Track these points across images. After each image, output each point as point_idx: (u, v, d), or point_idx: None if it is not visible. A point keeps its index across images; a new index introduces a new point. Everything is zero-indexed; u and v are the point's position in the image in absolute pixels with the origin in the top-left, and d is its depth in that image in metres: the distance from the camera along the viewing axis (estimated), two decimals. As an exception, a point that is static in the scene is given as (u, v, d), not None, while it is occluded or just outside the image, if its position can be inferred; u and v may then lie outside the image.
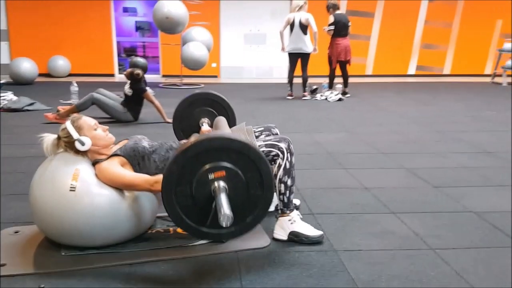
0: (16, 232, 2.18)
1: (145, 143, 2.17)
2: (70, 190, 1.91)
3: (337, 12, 7.17)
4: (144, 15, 13.78)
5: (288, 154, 2.09)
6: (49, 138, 2.09)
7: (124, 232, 2.03)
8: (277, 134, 2.45)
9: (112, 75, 10.60)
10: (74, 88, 5.69)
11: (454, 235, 2.23)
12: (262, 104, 6.68)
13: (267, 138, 2.19)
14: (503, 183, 3.03)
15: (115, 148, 2.18)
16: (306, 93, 7.21)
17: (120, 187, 1.99)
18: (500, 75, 9.66)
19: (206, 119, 2.95)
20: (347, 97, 7.28)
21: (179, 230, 2.24)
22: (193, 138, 2.33)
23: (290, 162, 2.10)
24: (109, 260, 1.94)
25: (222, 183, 1.71)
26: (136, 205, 2.04)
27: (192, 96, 3.00)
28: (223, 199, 1.64)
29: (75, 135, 2.04)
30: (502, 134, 4.62)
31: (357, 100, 7.11)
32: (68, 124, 2.07)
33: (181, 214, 1.73)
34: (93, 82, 8.76)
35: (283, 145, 2.09)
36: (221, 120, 2.45)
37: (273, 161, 2.09)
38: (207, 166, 1.70)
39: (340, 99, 6.98)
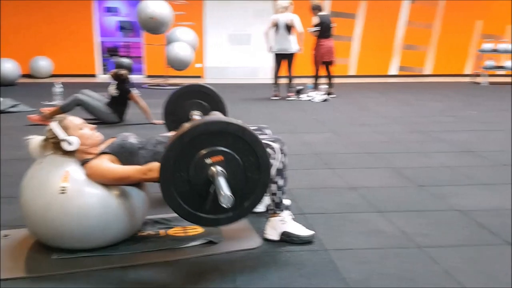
0: (5, 236, 2.16)
1: (133, 139, 2.16)
2: (61, 193, 1.90)
3: (321, 13, 7.24)
4: (127, 15, 13.67)
5: (281, 154, 2.12)
6: (35, 140, 2.07)
7: (116, 233, 2.03)
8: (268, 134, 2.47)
9: (95, 76, 10.49)
10: (58, 89, 5.62)
11: (441, 234, 2.29)
12: (248, 104, 6.70)
13: (261, 137, 2.21)
14: (486, 182, 3.11)
15: (102, 147, 2.17)
16: (291, 94, 7.27)
17: (112, 182, 1.98)
18: (479, 75, 9.87)
19: (197, 111, 2.95)
20: (332, 97, 7.35)
21: (170, 232, 2.25)
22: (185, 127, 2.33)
23: (283, 163, 2.13)
24: (101, 263, 1.93)
25: (219, 168, 1.70)
26: (128, 205, 2.03)
27: (184, 88, 3.01)
28: (222, 182, 1.64)
29: (62, 135, 2.02)
30: (483, 134, 4.73)
31: (342, 101, 7.19)
32: (54, 125, 2.05)
33: (178, 200, 1.71)
34: (76, 83, 8.67)
35: (276, 145, 2.12)
36: (217, 114, 2.46)
37: None
38: (204, 151, 1.70)
39: (325, 100, 7.05)
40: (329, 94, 7.37)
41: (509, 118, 5.67)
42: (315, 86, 7.45)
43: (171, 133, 2.54)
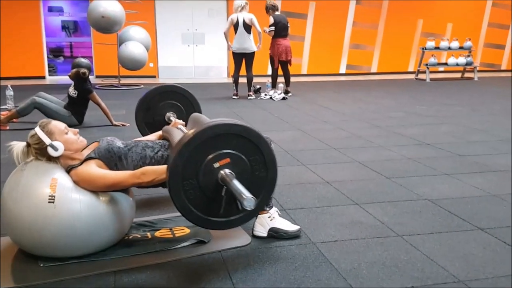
0: (-16, 247, 2.06)
1: (119, 142, 2.13)
2: (49, 202, 1.84)
3: (277, 13, 7.33)
4: (71, 14, 13.20)
5: None
6: (18, 146, 2.00)
7: (105, 239, 1.99)
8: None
9: (44, 78, 10.02)
10: (10, 92, 5.34)
11: (416, 222, 2.42)
12: (209, 104, 6.67)
13: None
14: (447, 172, 3.31)
15: (86, 152, 2.11)
16: (251, 93, 7.32)
17: (103, 189, 1.94)
18: (423, 72, 10.38)
19: (172, 112, 2.94)
20: (289, 96, 7.48)
21: (157, 234, 2.23)
22: (171, 131, 2.31)
23: None
24: (91, 269, 1.90)
25: (228, 170, 1.70)
26: (116, 211, 2.00)
27: (158, 88, 2.97)
28: (238, 185, 1.63)
29: (47, 140, 1.96)
30: (434, 127, 5.02)
31: (299, 99, 7.33)
32: (38, 130, 1.99)
33: (190, 206, 1.69)
34: (23, 86, 8.28)
35: None
36: (201, 116, 2.46)
37: None
38: (211, 155, 1.69)
39: (283, 98, 7.17)
40: (286, 92, 7.50)
41: (458, 112, 6.04)
42: (273, 85, 7.53)
43: (152, 137, 2.50)
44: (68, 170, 1.99)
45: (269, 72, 7.65)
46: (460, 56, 10.40)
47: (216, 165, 1.70)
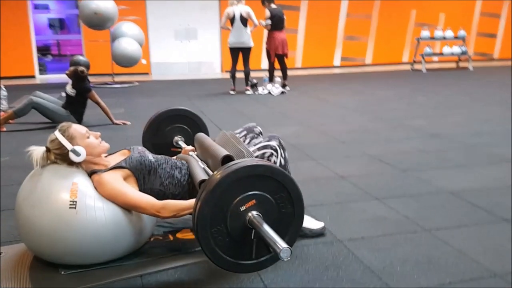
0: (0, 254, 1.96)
1: (150, 156, 2.06)
2: (70, 208, 1.75)
3: (273, 6, 7.23)
4: (57, 11, 12.97)
5: (281, 150, 2.15)
6: (38, 151, 1.90)
7: (129, 245, 1.90)
8: (260, 133, 2.45)
9: (33, 77, 9.81)
10: (3, 92, 5.19)
11: (441, 216, 2.37)
12: (207, 100, 6.58)
13: (257, 141, 2.21)
14: (462, 163, 3.28)
15: (114, 157, 2.05)
16: (248, 87, 7.23)
17: (121, 205, 1.86)
18: (418, 62, 10.37)
19: (180, 136, 2.89)
20: (287, 89, 7.40)
21: (178, 235, 2.15)
22: (187, 160, 2.21)
23: (284, 158, 2.17)
24: (116, 274, 1.81)
25: (255, 213, 1.65)
26: (140, 216, 1.92)
27: (164, 113, 2.91)
28: (269, 230, 1.57)
29: (68, 146, 1.87)
30: (439, 118, 4.99)
31: (297, 93, 7.26)
32: (58, 135, 1.90)
33: (220, 253, 1.64)
34: (13, 85, 8.09)
35: (274, 143, 2.14)
36: (206, 138, 2.38)
37: (268, 161, 2.10)
38: (237, 199, 1.63)
39: (282, 92, 7.09)
40: (283, 86, 7.42)
41: (459, 102, 6.03)
42: (271, 79, 7.45)
43: (181, 157, 2.37)
44: (91, 173, 1.91)
45: (264, 66, 7.54)
46: (454, 46, 10.41)
47: (243, 208, 1.64)
